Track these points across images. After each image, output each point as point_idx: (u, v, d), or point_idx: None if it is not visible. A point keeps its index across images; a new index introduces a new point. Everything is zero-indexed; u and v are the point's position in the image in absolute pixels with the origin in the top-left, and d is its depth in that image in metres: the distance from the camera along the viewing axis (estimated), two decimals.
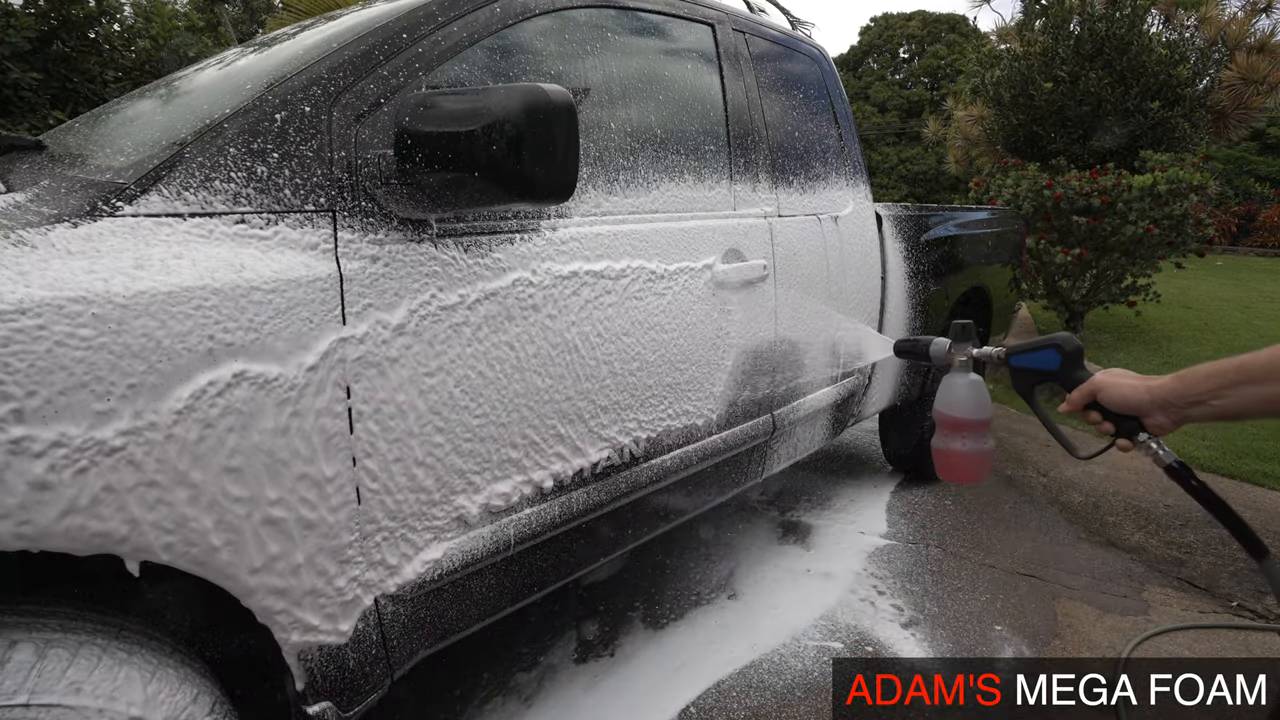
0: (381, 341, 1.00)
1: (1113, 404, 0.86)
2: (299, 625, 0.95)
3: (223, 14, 7.82)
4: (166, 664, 0.84)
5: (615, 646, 1.87)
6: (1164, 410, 0.81)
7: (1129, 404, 0.84)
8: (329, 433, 0.94)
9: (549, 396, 1.26)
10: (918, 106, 25.74)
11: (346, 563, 0.99)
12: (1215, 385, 0.76)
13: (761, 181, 1.83)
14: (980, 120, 7.53)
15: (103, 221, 0.81)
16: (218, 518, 0.84)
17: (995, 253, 3.23)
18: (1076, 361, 0.92)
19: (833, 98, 2.30)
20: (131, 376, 0.76)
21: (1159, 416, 0.82)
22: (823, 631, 1.95)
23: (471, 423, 1.13)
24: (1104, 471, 3.15)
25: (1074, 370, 0.92)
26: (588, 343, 1.32)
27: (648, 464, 1.49)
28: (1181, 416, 0.80)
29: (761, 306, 1.76)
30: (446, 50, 1.17)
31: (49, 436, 0.71)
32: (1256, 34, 7.18)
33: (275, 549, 0.90)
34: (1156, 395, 0.81)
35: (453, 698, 1.68)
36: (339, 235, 0.98)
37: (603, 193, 1.40)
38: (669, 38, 1.69)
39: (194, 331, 0.81)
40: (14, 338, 0.68)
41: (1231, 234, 15.38)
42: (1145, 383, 0.83)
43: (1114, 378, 0.86)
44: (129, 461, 0.76)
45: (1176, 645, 1.91)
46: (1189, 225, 5.29)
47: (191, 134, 0.92)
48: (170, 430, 0.79)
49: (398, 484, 1.04)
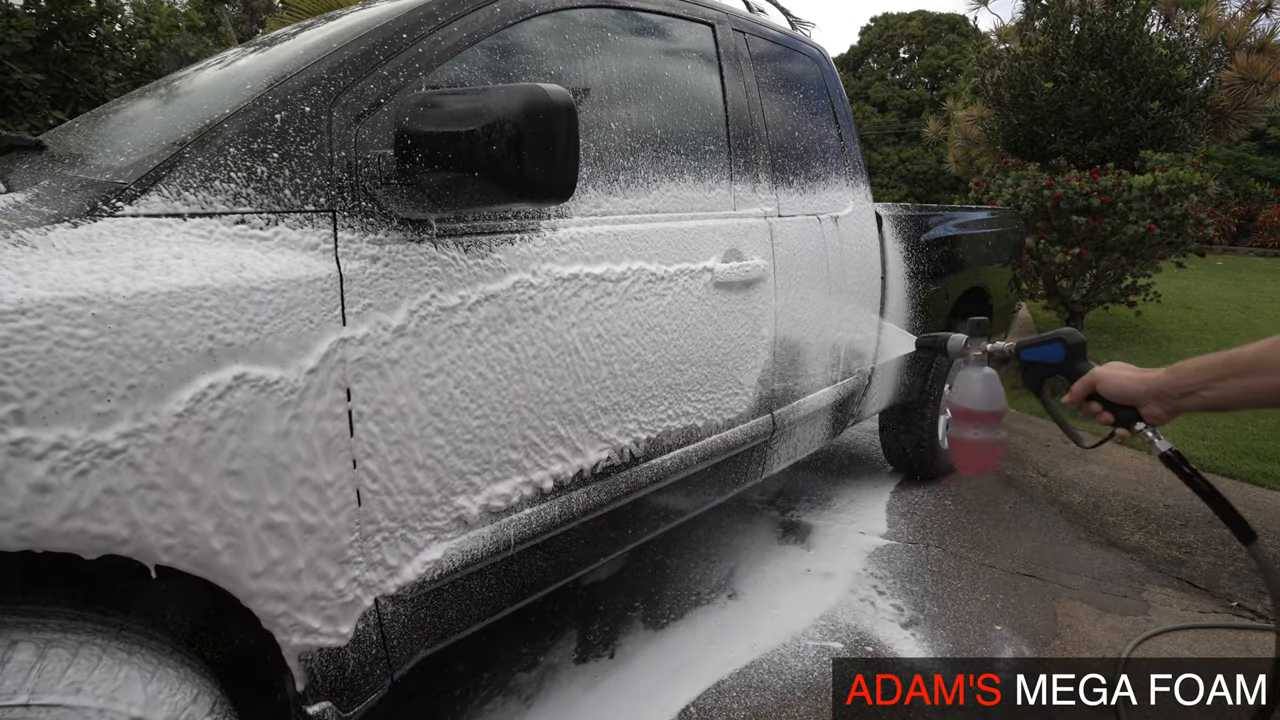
0: (382, 343, 1.00)
1: (1111, 394, 0.91)
2: (299, 628, 0.95)
3: (223, 14, 7.82)
4: (166, 664, 0.84)
5: (615, 646, 1.87)
6: (1158, 400, 0.86)
7: (1126, 394, 0.89)
8: (329, 435, 0.94)
9: (549, 398, 1.26)
10: (918, 106, 25.74)
11: (347, 564, 0.99)
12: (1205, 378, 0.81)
13: (761, 181, 1.83)
14: (980, 120, 7.52)
15: (103, 222, 0.81)
16: (219, 521, 0.84)
17: (995, 253, 3.23)
18: (1080, 355, 0.98)
19: (833, 98, 2.30)
20: (132, 377, 0.76)
21: (1154, 407, 0.87)
22: (823, 631, 1.95)
23: (471, 424, 1.13)
24: (1104, 472, 3.15)
25: (1077, 363, 0.98)
26: (588, 344, 1.32)
27: (647, 464, 1.49)
28: (1175, 406, 0.86)
29: (761, 307, 1.76)
30: (446, 50, 1.17)
31: (49, 439, 0.71)
32: (1256, 34, 7.17)
33: (276, 554, 0.90)
34: (1151, 386, 0.86)
35: (453, 698, 1.68)
36: (339, 235, 0.98)
37: (603, 193, 1.40)
38: (669, 38, 1.69)
39: (194, 332, 0.81)
40: (14, 338, 0.68)
41: (1231, 234, 15.38)
42: (1141, 375, 0.89)
43: (1112, 370, 0.91)
44: (130, 464, 0.76)
45: (1176, 645, 1.91)
46: (1189, 225, 5.28)
47: (191, 134, 0.92)
48: (171, 433, 0.79)
49: (398, 486, 1.04)
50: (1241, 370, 0.78)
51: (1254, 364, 0.77)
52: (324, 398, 0.93)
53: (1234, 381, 0.79)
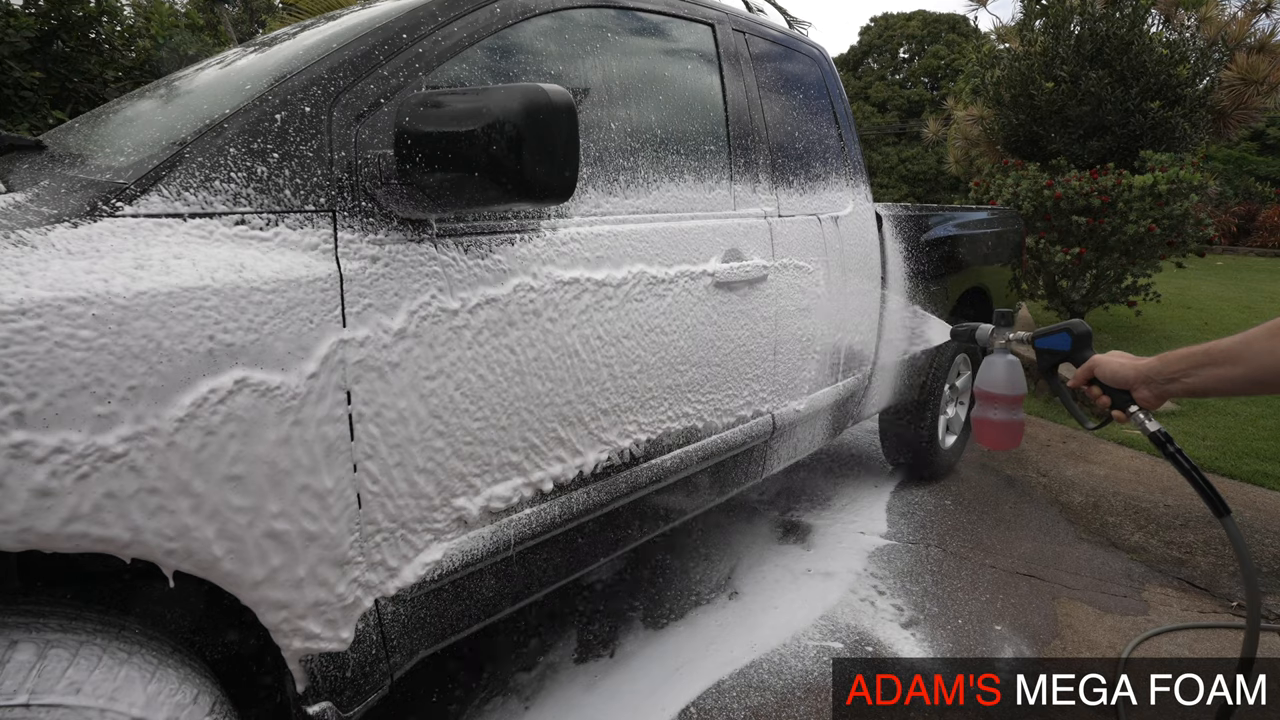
0: (382, 345, 1.00)
1: (1106, 378, 1.02)
2: (300, 633, 0.95)
3: (223, 14, 7.82)
4: (167, 664, 0.84)
5: (615, 646, 1.87)
6: (1147, 385, 0.96)
7: (1119, 379, 1.00)
8: (330, 439, 0.94)
9: (549, 399, 1.26)
10: (918, 106, 25.73)
11: (347, 566, 0.99)
12: (1186, 365, 0.91)
13: (761, 182, 1.83)
14: (980, 120, 7.52)
15: (103, 222, 0.81)
16: (219, 527, 0.84)
17: (995, 253, 3.23)
18: (1085, 344, 1.11)
19: (833, 98, 2.30)
20: (132, 379, 0.76)
21: (1144, 391, 0.97)
22: (823, 631, 1.95)
23: (471, 425, 1.13)
24: (1104, 472, 3.15)
25: (1082, 350, 1.10)
26: (587, 345, 1.32)
27: (647, 464, 1.49)
28: (1161, 391, 0.95)
29: (761, 307, 1.76)
30: (446, 50, 1.17)
31: (51, 442, 0.71)
32: (1256, 34, 7.16)
33: (277, 561, 0.90)
34: (1141, 372, 0.97)
35: (453, 698, 1.68)
36: (339, 235, 0.98)
37: (603, 193, 1.40)
38: (669, 38, 1.69)
39: (194, 332, 0.81)
40: (14, 339, 0.68)
41: (1231, 234, 15.38)
42: (1134, 362, 0.99)
43: (1110, 357, 1.03)
44: (130, 467, 0.76)
45: (1176, 645, 1.91)
46: (1189, 225, 5.29)
47: (192, 134, 0.92)
48: (172, 437, 0.79)
49: (398, 488, 1.04)
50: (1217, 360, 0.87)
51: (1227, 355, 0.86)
52: (325, 400, 0.93)
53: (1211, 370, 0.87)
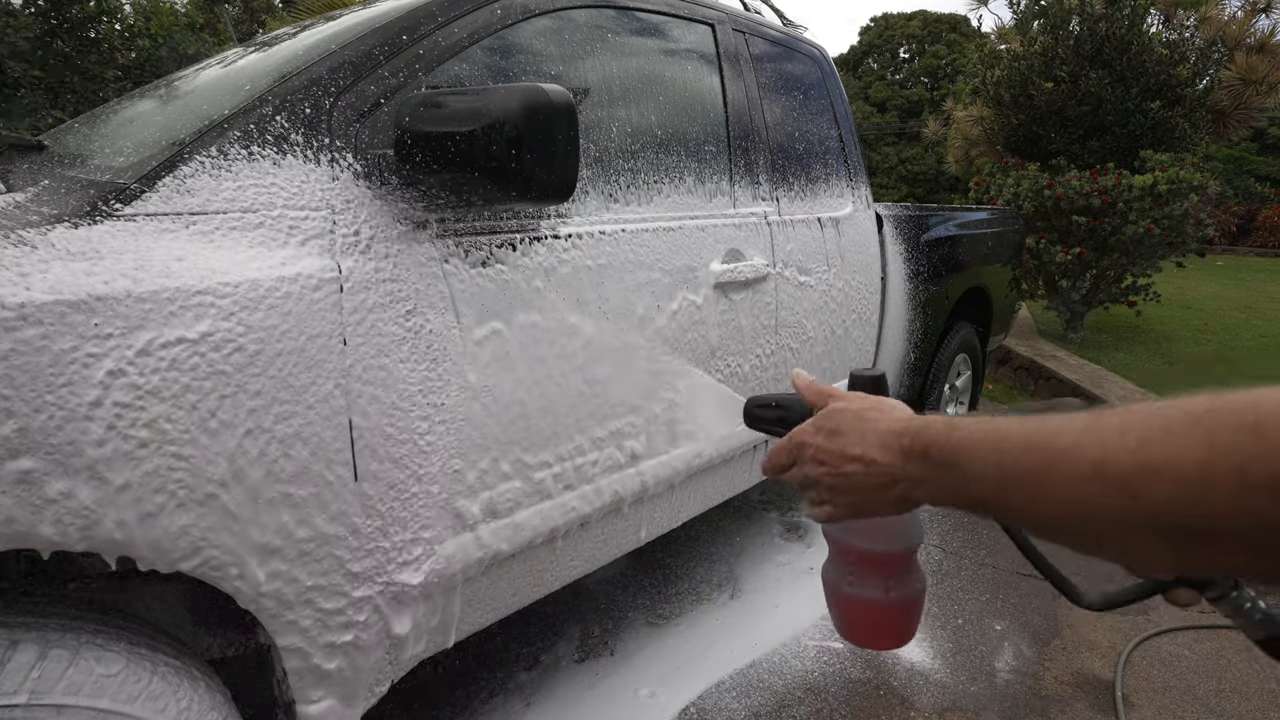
0: (382, 346, 1.00)
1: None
2: (301, 633, 0.95)
3: (223, 14, 7.82)
4: (167, 664, 0.84)
5: (615, 646, 1.87)
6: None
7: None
8: (334, 444, 0.94)
9: (549, 399, 1.26)
10: (918, 106, 25.73)
11: (348, 567, 0.99)
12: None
13: (761, 182, 1.83)
14: (980, 120, 7.52)
15: (103, 223, 0.81)
16: (220, 530, 0.84)
17: (995, 253, 3.23)
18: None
19: (833, 98, 2.30)
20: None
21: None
22: (824, 631, 1.94)
23: (472, 426, 1.13)
24: None
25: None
26: (588, 345, 1.32)
27: (649, 464, 1.49)
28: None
29: (762, 308, 1.76)
30: (446, 50, 1.17)
31: (52, 443, 0.70)
32: (1256, 34, 7.17)
33: (278, 565, 0.90)
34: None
35: (453, 697, 1.68)
36: (339, 235, 0.98)
37: (603, 193, 1.40)
38: (669, 38, 1.69)
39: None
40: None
41: (1231, 234, 15.38)
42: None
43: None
44: (131, 469, 0.76)
45: (1176, 645, 1.91)
46: (1189, 225, 5.29)
47: (191, 134, 0.92)
48: (172, 440, 0.79)
49: (400, 490, 1.04)
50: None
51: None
52: (325, 403, 0.93)
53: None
